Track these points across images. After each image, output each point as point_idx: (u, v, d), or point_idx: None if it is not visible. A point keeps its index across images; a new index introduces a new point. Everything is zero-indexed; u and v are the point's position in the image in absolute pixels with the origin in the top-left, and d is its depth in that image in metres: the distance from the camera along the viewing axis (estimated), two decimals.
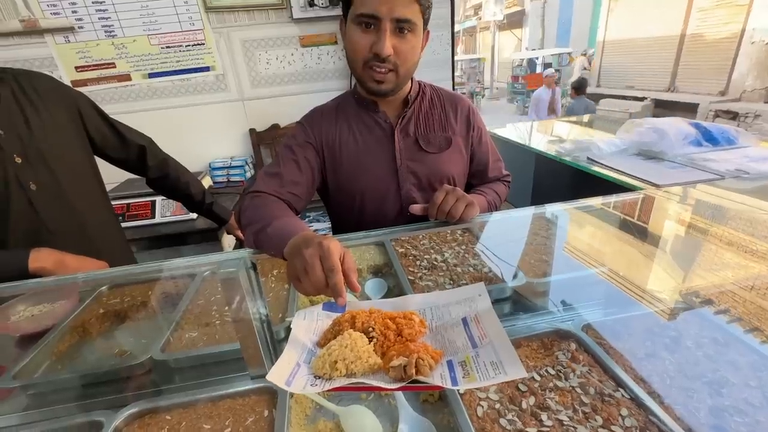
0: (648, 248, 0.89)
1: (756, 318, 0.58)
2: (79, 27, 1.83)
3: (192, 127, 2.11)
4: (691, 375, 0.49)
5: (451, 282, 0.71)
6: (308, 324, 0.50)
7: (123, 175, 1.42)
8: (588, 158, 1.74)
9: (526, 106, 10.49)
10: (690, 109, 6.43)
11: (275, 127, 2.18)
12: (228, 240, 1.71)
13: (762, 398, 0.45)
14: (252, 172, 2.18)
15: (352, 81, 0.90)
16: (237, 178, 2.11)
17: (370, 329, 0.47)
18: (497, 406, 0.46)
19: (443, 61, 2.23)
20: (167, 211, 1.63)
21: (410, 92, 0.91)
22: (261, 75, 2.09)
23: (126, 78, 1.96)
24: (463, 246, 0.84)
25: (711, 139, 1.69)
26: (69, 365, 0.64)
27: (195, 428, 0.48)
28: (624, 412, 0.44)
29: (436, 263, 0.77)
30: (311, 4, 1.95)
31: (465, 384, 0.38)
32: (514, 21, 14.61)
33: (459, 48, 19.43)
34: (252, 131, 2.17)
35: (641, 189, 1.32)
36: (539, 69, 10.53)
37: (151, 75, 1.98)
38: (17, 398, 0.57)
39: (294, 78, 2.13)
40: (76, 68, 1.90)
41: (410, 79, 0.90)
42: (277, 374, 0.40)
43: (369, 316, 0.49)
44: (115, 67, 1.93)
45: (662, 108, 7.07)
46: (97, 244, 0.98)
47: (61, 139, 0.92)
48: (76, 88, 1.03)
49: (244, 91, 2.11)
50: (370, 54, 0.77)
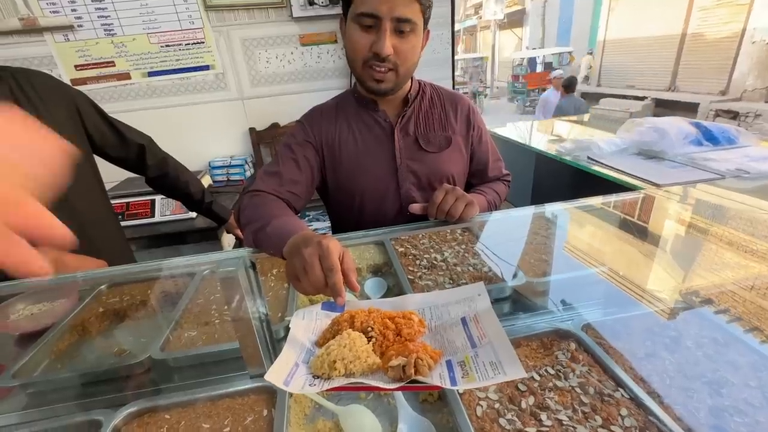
0: (648, 248, 0.88)
1: (756, 318, 0.58)
2: (79, 25, 1.83)
3: (191, 126, 2.11)
4: (691, 375, 0.49)
5: (451, 281, 0.71)
6: (307, 323, 0.50)
7: (122, 174, 1.42)
8: (588, 158, 1.74)
9: (527, 106, 10.49)
10: (690, 109, 6.43)
11: (275, 126, 2.18)
12: (227, 239, 1.71)
13: (762, 398, 0.45)
14: (251, 171, 2.18)
15: (352, 80, 0.90)
16: (236, 177, 2.11)
17: (369, 329, 0.46)
18: (497, 406, 0.46)
19: (443, 60, 2.23)
20: (167, 210, 1.63)
21: (410, 91, 0.90)
22: (261, 74, 2.09)
23: (125, 77, 1.96)
24: (463, 245, 0.83)
25: (712, 139, 1.69)
26: (68, 364, 0.63)
27: (194, 427, 0.48)
28: (623, 412, 0.44)
29: (436, 262, 0.77)
30: (311, 3, 1.95)
31: (464, 384, 0.38)
32: (515, 20, 14.60)
33: (459, 47, 19.42)
34: (252, 130, 2.17)
35: (641, 188, 1.32)
36: (539, 68, 10.52)
37: (151, 74, 1.98)
38: (16, 397, 0.57)
39: (294, 77, 2.13)
40: (76, 67, 1.90)
41: (410, 78, 0.90)
42: (276, 374, 0.40)
43: (368, 316, 0.49)
44: (115, 66, 1.93)
45: (663, 107, 7.07)
46: (97, 243, 0.97)
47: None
48: (76, 87, 1.03)
49: (244, 90, 2.11)
50: (370, 53, 0.77)
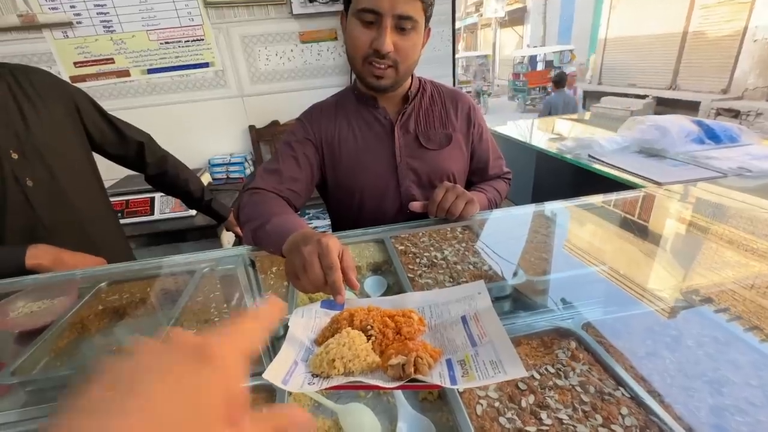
0: (649, 246, 0.88)
1: (756, 317, 0.58)
2: (78, 22, 1.82)
3: (191, 124, 2.10)
4: (692, 374, 0.49)
5: (451, 280, 0.71)
6: (306, 322, 0.50)
7: (122, 172, 1.41)
8: (589, 156, 1.74)
9: (527, 104, 10.46)
10: (692, 107, 6.40)
11: (275, 124, 2.17)
12: (227, 237, 1.71)
13: (763, 397, 0.45)
14: (251, 169, 2.17)
15: (352, 77, 0.90)
16: (236, 175, 2.11)
17: (369, 327, 0.46)
18: (496, 405, 0.46)
19: (444, 58, 2.22)
20: (166, 208, 1.63)
21: (410, 88, 0.90)
22: (260, 71, 2.08)
23: (125, 74, 1.95)
24: (463, 243, 0.83)
25: (713, 137, 1.69)
26: (68, 362, 0.63)
27: None
28: (624, 411, 0.44)
29: (436, 261, 0.77)
30: (311, 0, 1.94)
31: (464, 383, 0.38)
32: (516, 18, 14.54)
33: (460, 45, 19.36)
34: (251, 128, 2.16)
35: (642, 187, 1.32)
36: (540, 66, 10.48)
37: (150, 71, 1.97)
38: (16, 394, 0.57)
39: (294, 74, 2.12)
40: (75, 64, 1.89)
41: (410, 76, 0.89)
42: (274, 373, 0.40)
43: (368, 314, 0.48)
44: (114, 63, 1.92)
45: (664, 106, 7.04)
46: (96, 241, 0.97)
47: (59, 135, 0.91)
48: (75, 84, 1.03)
49: (244, 88, 2.10)
50: (370, 50, 0.76)
